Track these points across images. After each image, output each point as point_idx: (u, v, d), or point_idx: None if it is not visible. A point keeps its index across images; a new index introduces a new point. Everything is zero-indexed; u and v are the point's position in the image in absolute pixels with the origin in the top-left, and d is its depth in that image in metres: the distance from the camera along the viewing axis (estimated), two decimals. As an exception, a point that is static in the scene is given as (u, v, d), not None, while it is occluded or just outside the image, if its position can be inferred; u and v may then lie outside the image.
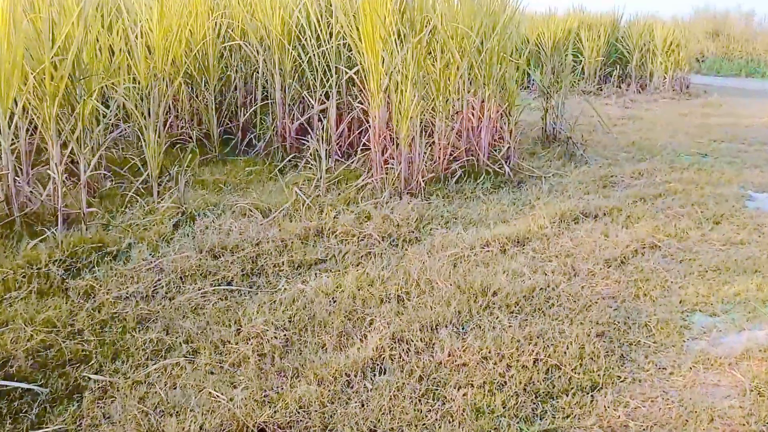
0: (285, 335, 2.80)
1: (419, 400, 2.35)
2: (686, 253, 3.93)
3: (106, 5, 5.66)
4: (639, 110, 10.95)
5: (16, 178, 3.92)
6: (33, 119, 4.18)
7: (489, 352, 2.65)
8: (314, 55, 5.73)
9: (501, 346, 2.69)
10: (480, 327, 2.88)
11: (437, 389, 2.43)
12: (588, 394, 2.44)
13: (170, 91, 5.55)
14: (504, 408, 2.32)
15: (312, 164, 5.22)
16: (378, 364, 2.58)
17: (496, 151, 5.72)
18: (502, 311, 3.03)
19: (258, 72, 6.21)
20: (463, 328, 2.88)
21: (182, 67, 5.82)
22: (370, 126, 4.94)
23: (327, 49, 5.59)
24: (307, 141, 5.56)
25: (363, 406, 2.31)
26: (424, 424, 2.23)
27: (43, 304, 2.96)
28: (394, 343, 2.71)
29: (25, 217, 3.90)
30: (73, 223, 3.98)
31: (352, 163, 5.43)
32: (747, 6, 27.96)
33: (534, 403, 2.38)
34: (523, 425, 2.25)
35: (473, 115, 5.55)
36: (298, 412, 2.26)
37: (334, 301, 3.09)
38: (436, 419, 2.25)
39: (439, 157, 5.27)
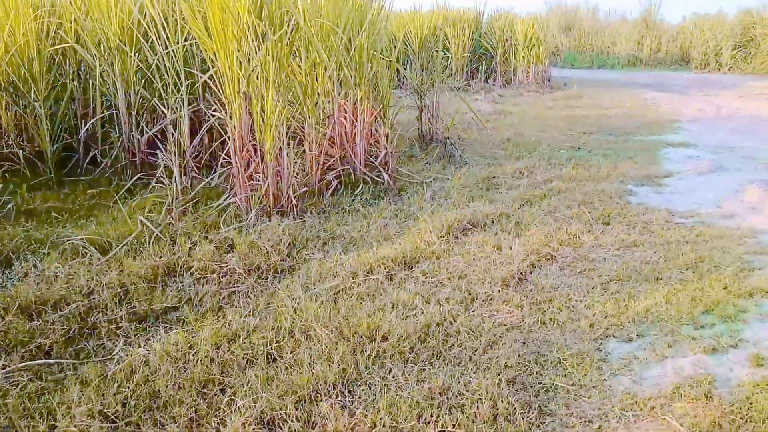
0: (115, 428, 2.07)
1: None
2: (583, 262, 3.55)
3: None
4: (507, 105, 10.86)
5: None
6: None
7: (384, 426, 2.06)
8: (162, 58, 4.89)
9: (398, 416, 2.11)
10: (370, 387, 2.29)
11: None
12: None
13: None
14: None
15: (165, 183, 4.41)
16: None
17: (373, 157, 5.17)
18: (395, 361, 2.45)
19: (97, 79, 5.27)
20: (350, 392, 2.27)
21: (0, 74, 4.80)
22: (229, 137, 4.21)
23: (174, 51, 4.77)
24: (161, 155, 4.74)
25: None
26: None
27: None
28: (263, 428, 2.05)
29: None
30: None
31: (213, 179, 4.67)
32: (592, 1, 29.41)
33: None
34: None
35: (346, 119, 4.96)
36: None
37: (185, 370, 2.38)
38: None
39: (312, 168, 4.63)
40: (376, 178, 4.98)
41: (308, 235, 3.87)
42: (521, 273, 3.34)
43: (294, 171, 4.36)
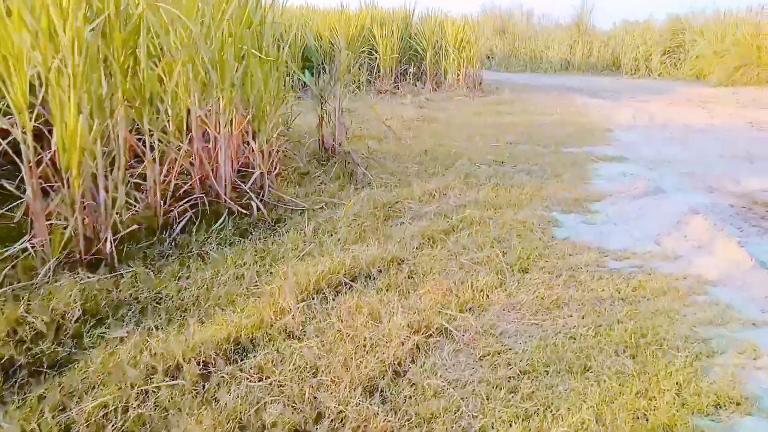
0: None
1: None
2: (488, 339, 2.52)
3: None
4: (434, 110, 9.86)
5: None
6: None
7: None
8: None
9: None
10: None
11: None
12: None
13: None
14: None
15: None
16: None
17: (245, 179, 4.04)
18: None
19: None
20: None
21: None
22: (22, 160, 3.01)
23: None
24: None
25: None
26: None
27: None
28: None
29: None
30: None
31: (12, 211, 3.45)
32: (527, 5, 28.84)
33: None
34: None
35: (205, 133, 3.82)
36: None
37: None
38: None
39: (155, 197, 3.48)
40: (244, 206, 3.85)
41: (119, 297, 2.72)
42: (398, 364, 2.29)
43: (121, 203, 3.19)
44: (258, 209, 3.83)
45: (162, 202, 3.50)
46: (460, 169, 5.50)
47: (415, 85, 12.57)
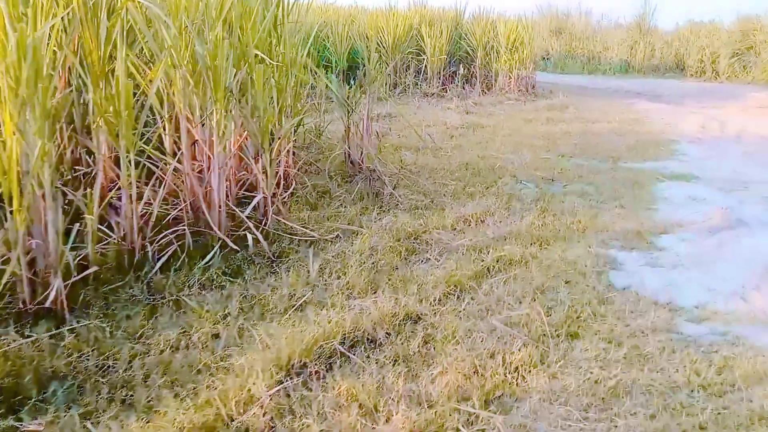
0: None
1: None
2: (520, 453, 1.82)
3: None
4: (481, 115, 9.08)
5: None
6: None
7: None
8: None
9: None
10: None
11: None
12: None
13: None
14: None
15: None
16: None
17: (245, 203, 3.42)
18: None
19: None
20: None
21: None
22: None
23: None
24: None
25: None
26: None
27: None
28: None
29: None
30: None
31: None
32: (585, 5, 27.46)
33: None
34: None
35: (196, 150, 3.22)
36: None
37: None
38: None
39: (130, 228, 2.89)
40: (241, 238, 3.23)
41: (58, 366, 2.13)
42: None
43: (94, 235, 2.61)
44: (257, 241, 3.21)
45: (140, 233, 2.91)
46: (502, 189, 4.75)
47: (464, 88, 11.78)
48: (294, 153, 4.82)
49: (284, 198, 3.92)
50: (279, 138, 3.48)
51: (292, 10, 4.43)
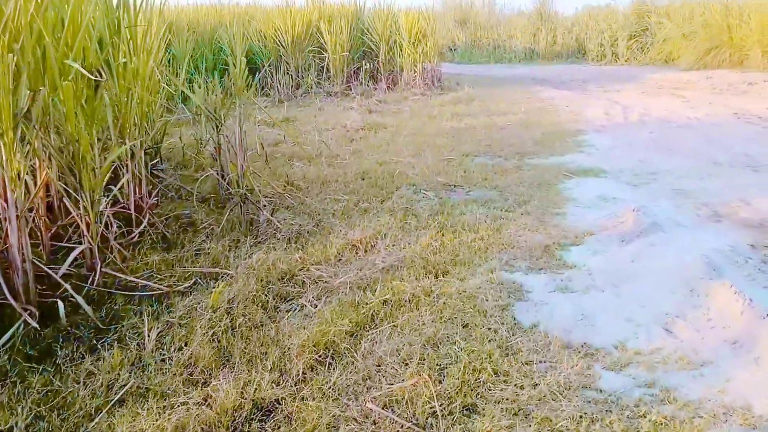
0: None
1: None
2: None
3: None
4: (385, 114, 8.50)
5: None
6: None
7: None
8: None
9: None
10: None
11: None
12: None
13: None
14: None
15: None
16: None
17: (60, 258, 2.67)
18: None
19: None
20: None
21: None
22: None
23: None
24: None
25: None
26: None
27: None
28: None
29: None
30: None
31: None
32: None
33: None
34: None
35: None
36: None
37: None
38: None
39: None
40: (54, 304, 2.48)
41: None
42: None
43: None
44: (78, 307, 2.46)
45: None
46: (398, 203, 4.16)
47: (368, 85, 11.18)
48: (156, 177, 4.06)
49: (131, 239, 3.18)
50: (102, 169, 2.72)
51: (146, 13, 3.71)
